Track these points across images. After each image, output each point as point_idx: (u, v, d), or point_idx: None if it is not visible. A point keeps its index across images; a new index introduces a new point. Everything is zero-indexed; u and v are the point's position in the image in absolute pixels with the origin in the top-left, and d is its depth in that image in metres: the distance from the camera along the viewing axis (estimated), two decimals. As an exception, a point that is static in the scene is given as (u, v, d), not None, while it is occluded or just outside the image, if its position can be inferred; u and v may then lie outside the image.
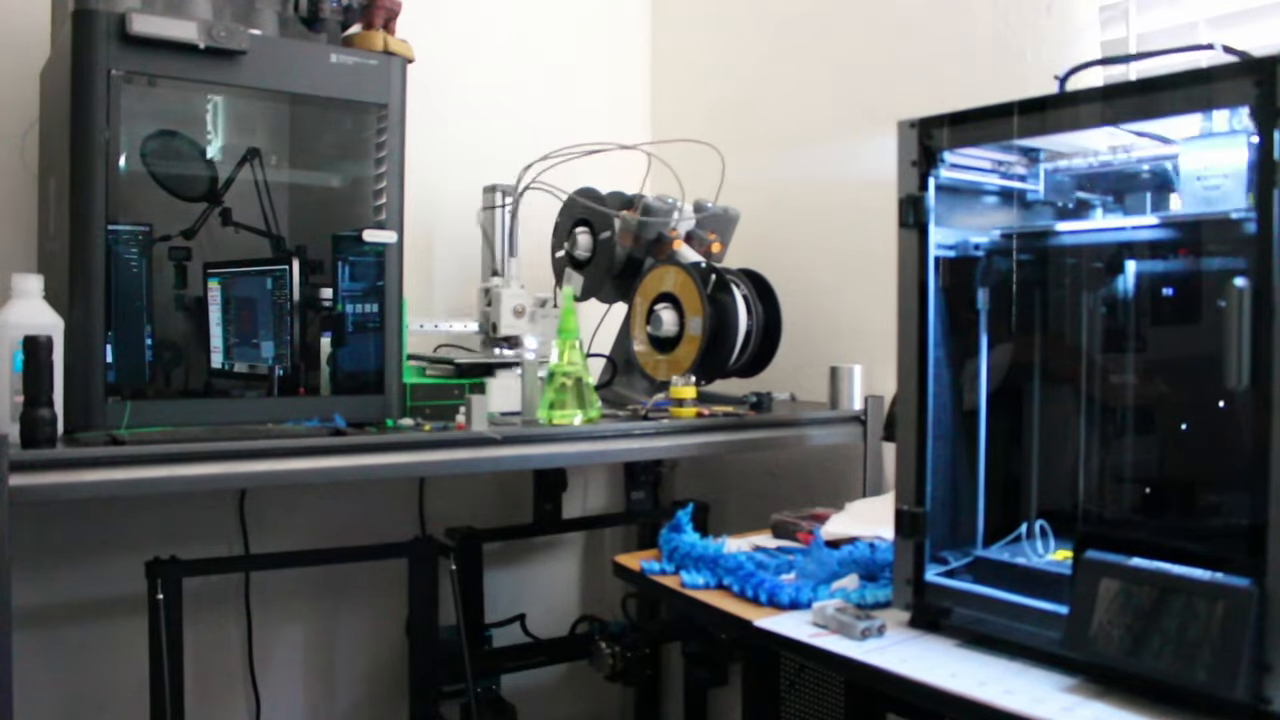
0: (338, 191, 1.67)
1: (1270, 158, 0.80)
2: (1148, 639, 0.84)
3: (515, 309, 1.77)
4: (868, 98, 1.90)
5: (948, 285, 1.10)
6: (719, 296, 1.76)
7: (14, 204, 1.65)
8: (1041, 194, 1.14)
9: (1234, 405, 0.91)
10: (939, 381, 1.09)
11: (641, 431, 1.55)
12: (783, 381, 1.91)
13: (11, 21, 1.67)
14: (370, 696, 2.05)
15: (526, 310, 1.79)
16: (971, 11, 1.70)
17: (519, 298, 1.79)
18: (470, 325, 1.85)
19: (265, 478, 1.32)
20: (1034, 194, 1.14)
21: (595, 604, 2.32)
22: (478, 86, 2.18)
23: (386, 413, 1.52)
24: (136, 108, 1.43)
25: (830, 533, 1.36)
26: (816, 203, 2.01)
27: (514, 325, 1.78)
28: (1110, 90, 0.96)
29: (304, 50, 1.48)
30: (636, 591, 2.05)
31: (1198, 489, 1.00)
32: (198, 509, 1.83)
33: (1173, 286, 1.03)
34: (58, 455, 1.17)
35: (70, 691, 1.74)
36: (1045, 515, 1.09)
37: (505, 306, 1.78)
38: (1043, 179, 1.14)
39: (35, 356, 1.19)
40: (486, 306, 1.82)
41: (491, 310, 1.81)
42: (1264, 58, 0.82)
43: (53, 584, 1.73)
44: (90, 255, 1.33)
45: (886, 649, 1.00)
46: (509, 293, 1.79)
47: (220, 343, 1.57)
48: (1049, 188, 1.14)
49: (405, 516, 2.02)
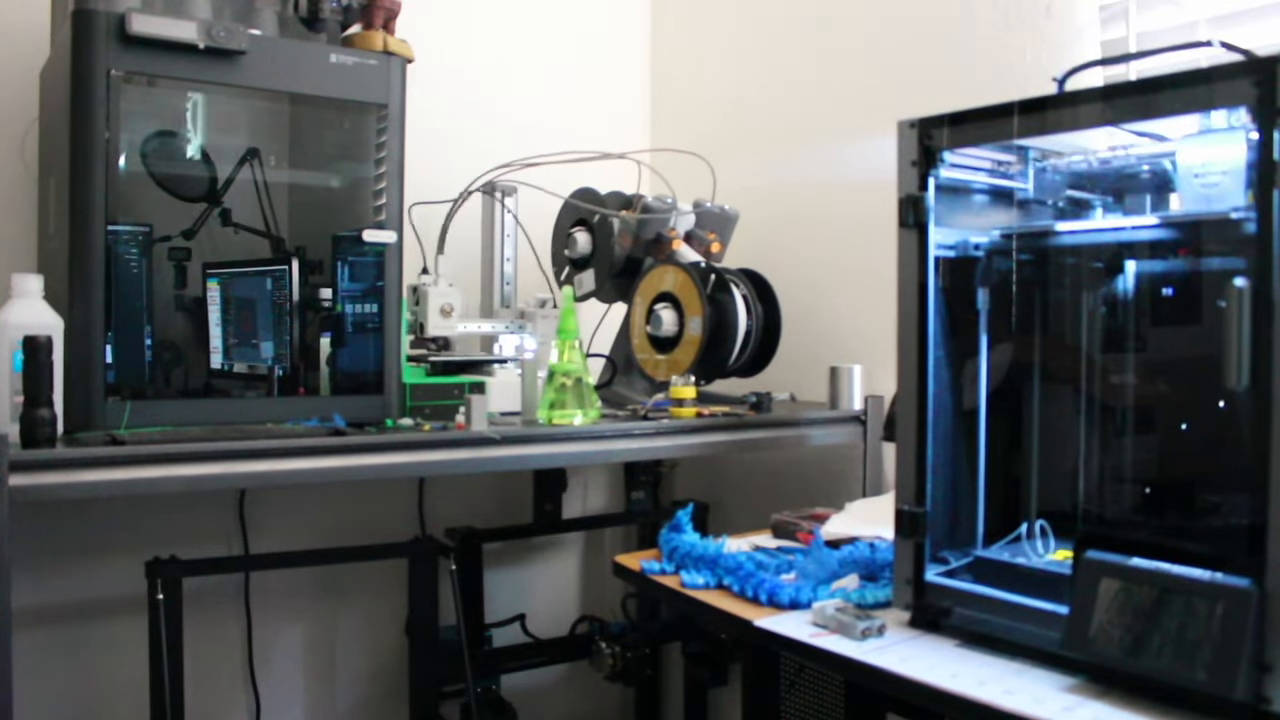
0: (338, 191, 1.67)
1: (1270, 158, 0.80)
2: (1148, 639, 0.84)
3: (443, 308, 1.72)
4: (868, 98, 1.90)
5: (947, 285, 1.10)
6: (719, 296, 1.76)
7: (14, 204, 1.65)
8: (1031, 192, 1.14)
9: (1234, 405, 0.91)
10: (939, 381, 1.09)
11: (641, 431, 1.55)
12: (783, 381, 1.91)
13: (11, 21, 1.67)
14: (370, 696, 2.05)
15: (454, 310, 1.73)
16: (971, 12, 1.70)
17: (447, 296, 1.73)
18: (469, 326, 1.83)
19: (265, 478, 1.32)
20: (1023, 192, 1.14)
21: (595, 604, 2.32)
22: (478, 87, 2.18)
23: (386, 413, 1.52)
24: (136, 108, 1.43)
25: (830, 533, 1.36)
26: (816, 202, 2.01)
27: (441, 325, 1.73)
28: (1110, 90, 0.96)
29: (304, 50, 1.48)
30: (636, 591, 2.05)
31: (1198, 489, 1.00)
32: (198, 509, 1.83)
33: (1173, 286, 1.03)
34: (58, 455, 1.17)
35: (70, 691, 1.74)
36: (1045, 515, 1.09)
37: (433, 306, 1.72)
38: (1032, 177, 1.14)
39: (35, 356, 1.19)
40: (415, 305, 1.75)
41: (419, 310, 1.74)
42: (1264, 58, 0.82)
43: (53, 584, 1.73)
44: (90, 255, 1.33)
45: (886, 649, 1.00)
46: (436, 291, 1.73)
47: (220, 343, 1.57)
48: (1039, 186, 1.14)
49: (405, 516, 2.02)
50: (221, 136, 1.60)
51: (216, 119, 1.60)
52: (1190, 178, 0.96)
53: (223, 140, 1.60)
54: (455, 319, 1.74)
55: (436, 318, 1.72)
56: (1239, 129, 0.90)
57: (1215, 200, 0.94)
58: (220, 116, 1.61)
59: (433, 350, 1.75)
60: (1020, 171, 1.14)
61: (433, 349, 1.76)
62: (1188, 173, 0.97)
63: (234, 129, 1.62)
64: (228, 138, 1.60)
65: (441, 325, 1.73)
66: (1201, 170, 0.95)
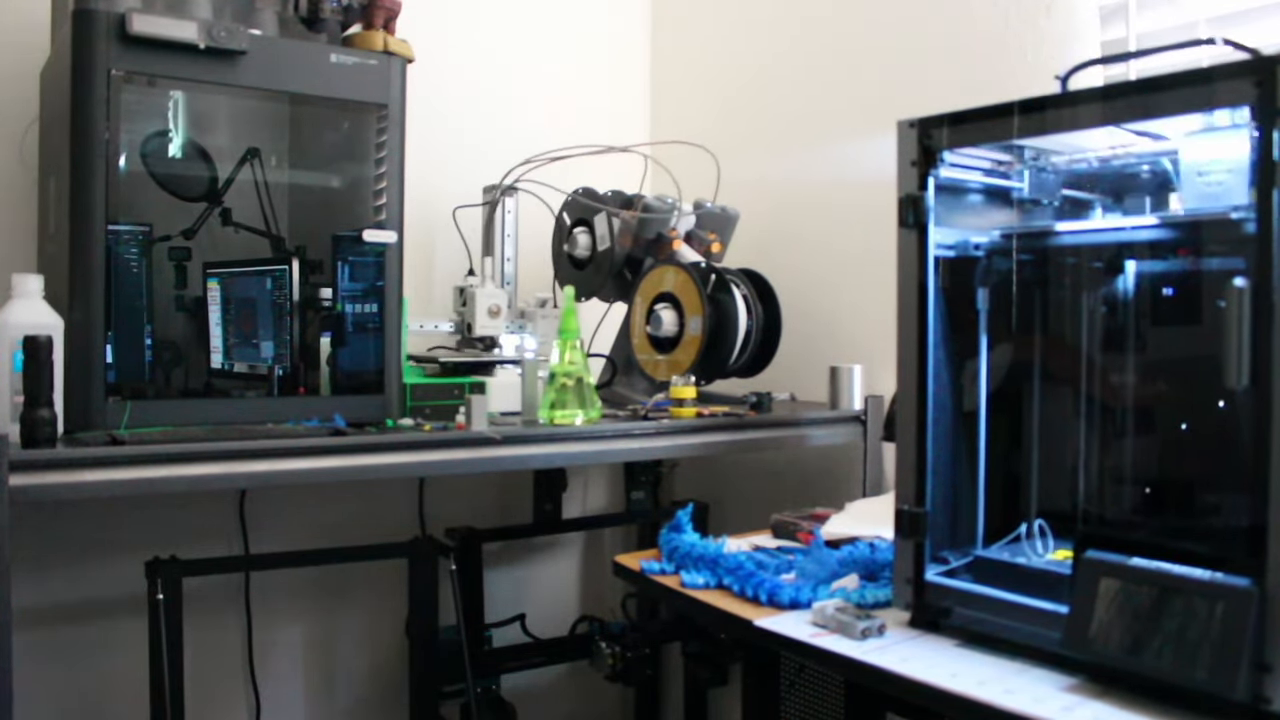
0: (338, 191, 1.67)
1: (1270, 158, 0.80)
2: (1148, 639, 0.84)
3: (490, 309, 1.74)
4: (868, 98, 1.90)
5: (947, 285, 1.10)
6: (719, 296, 1.76)
7: (14, 204, 1.65)
8: (1026, 192, 1.13)
9: (1234, 405, 0.91)
10: (939, 381, 1.09)
11: (641, 431, 1.55)
12: (783, 381, 1.91)
13: (11, 21, 1.67)
14: (370, 696, 2.05)
15: (502, 310, 1.75)
16: (971, 11, 1.70)
17: (494, 297, 1.75)
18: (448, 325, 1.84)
19: (265, 478, 1.32)
20: (1022, 192, 1.14)
21: (595, 604, 2.32)
22: (478, 86, 2.18)
23: (386, 413, 1.52)
24: (136, 108, 1.43)
25: (830, 533, 1.36)
26: (817, 202, 2.01)
27: (489, 325, 1.75)
28: (1110, 90, 0.96)
29: (304, 50, 1.48)
30: (636, 591, 2.05)
31: (1198, 489, 1.00)
32: (198, 509, 1.83)
33: (1173, 286, 1.03)
34: (58, 455, 1.17)
35: (70, 691, 1.74)
36: (1045, 515, 1.09)
37: (480, 306, 1.75)
38: (1027, 177, 1.13)
39: (35, 356, 1.19)
40: (461, 307, 1.79)
41: (466, 310, 1.77)
42: (1264, 57, 0.82)
43: (53, 584, 1.73)
44: (90, 255, 1.33)
45: (886, 649, 1.00)
46: (484, 292, 1.76)
47: (220, 343, 1.57)
48: (1033, 185, 1.14)
49: (405, 516, 2.02)
50: (222, 136, 1.60)
51: (217, 119, 1.60)
52: (1194, 176, 0.96)
53: (223, 140, 1.60)
54: (503, 319, 1.76)
55: (484, 318, 1.74)
56: (1243, 126, 0.90)
57: (1219, 198, 0.93)
58: (220, 116, 1.60)
59: (480, 349, 1.78)
60: (1019, 171, 1.14)
61: (480, 349, 1.78)
62: (1191, 171, 0.96)
63: (234, 129, 1.62)
64: (228, 137, 1.60)
65: (489, 325, 1.75)
66: (1206, 168, 0.94)
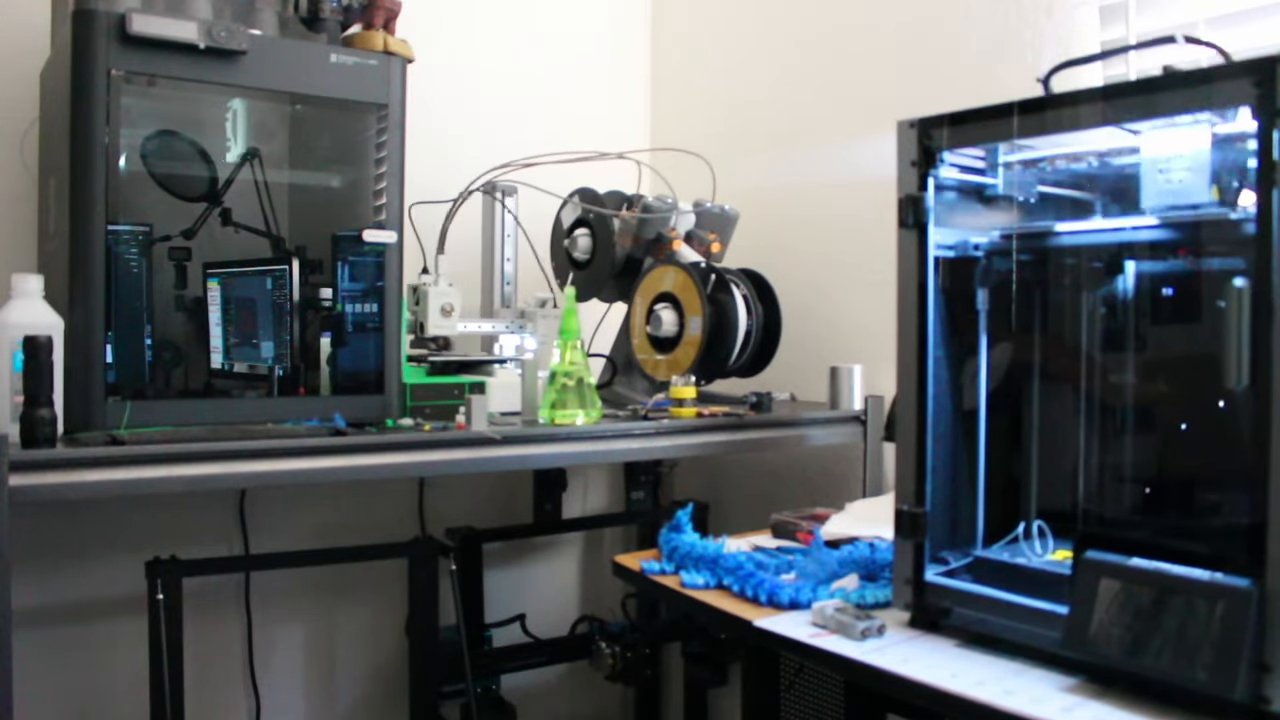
0: (338, 191, 1.67)
1: (1270, 158, 0.80)
2: (1147, 639, 0.84)
3: (443, 308, 1.71)
4: (868, 98, 1.90)
5: (947, 285, 1.10)
6: (719, 296, 1.76)
7: (14, 204, 1.65)
8: (1000, 188, 1.13)
9: (1234, 405, 0.91)
10: (939, 381, 1.09)
11: (641, 431, 1.55)
12: (783, 381, 1.91)
13: (11, 21, 1.67)
14: (370, 696, 2.05)
15: (455, 310, 1.72)
16: (971, 12, 1.70)
17: (447, 296, 1.72)
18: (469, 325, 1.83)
19: (265, 478, 1.32)
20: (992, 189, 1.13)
21: (595, 604, 2.32)
22: (478, 87, 2.18)
23: (386, 413, 1.52)
24: (137, 108, 1.43)
25: (830, 533, 1.36)
26: (816, 202, 2.01)
27: (441, 325, 1.72)
28: (1110, 90, 0.96)
29: (304, 50, 1.48)
30: (636, 591, 2.05)
31: (1197, 489, 1.00)
32: (198, 509, 1.83)
33: (1172, 286, 1.03)
34: (58, 455, 1.17)
35: (70, 691, 1.74)
36: (1045, 515, 1.09)
37: (434, 305, 1.72)
38: (1001, 173, 1.13)
39: (35, 356, 1.19)
40: (415, 305, 1.74)
41: (420, 309, 1.74)
42: (1264, 58, 0.82)
43: (53, 584, 1.73)
44: (90, 255, 1.33)
45: (886, 649, 1.00)
46: (436, 291, 1.73)
47: (220, 343, 1.57)
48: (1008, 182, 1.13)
49: (405, 516, 2.02)
50: (221, 136, 1.60)
51: (216, 118, 1.60)
52: (1154, 173, 0.95)
53: (223, 140, 1.60)
54: (455, 319, 1.73)
55: (437, 317, 1.71)
56: (1203, 121, 0.89)
57: (1179, 195, 0.92)
58: (220, 116, 1.60)
59: (432, 350, 1.75)
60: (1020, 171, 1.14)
61: (433, 348, 1.75)
62: (1151, 168, 0.95)
63: (234, 128, 1.62)
64: (228, 137, 1.60)
65: (442, 325, 1.73)
66: (1165, 165, 0.93)
